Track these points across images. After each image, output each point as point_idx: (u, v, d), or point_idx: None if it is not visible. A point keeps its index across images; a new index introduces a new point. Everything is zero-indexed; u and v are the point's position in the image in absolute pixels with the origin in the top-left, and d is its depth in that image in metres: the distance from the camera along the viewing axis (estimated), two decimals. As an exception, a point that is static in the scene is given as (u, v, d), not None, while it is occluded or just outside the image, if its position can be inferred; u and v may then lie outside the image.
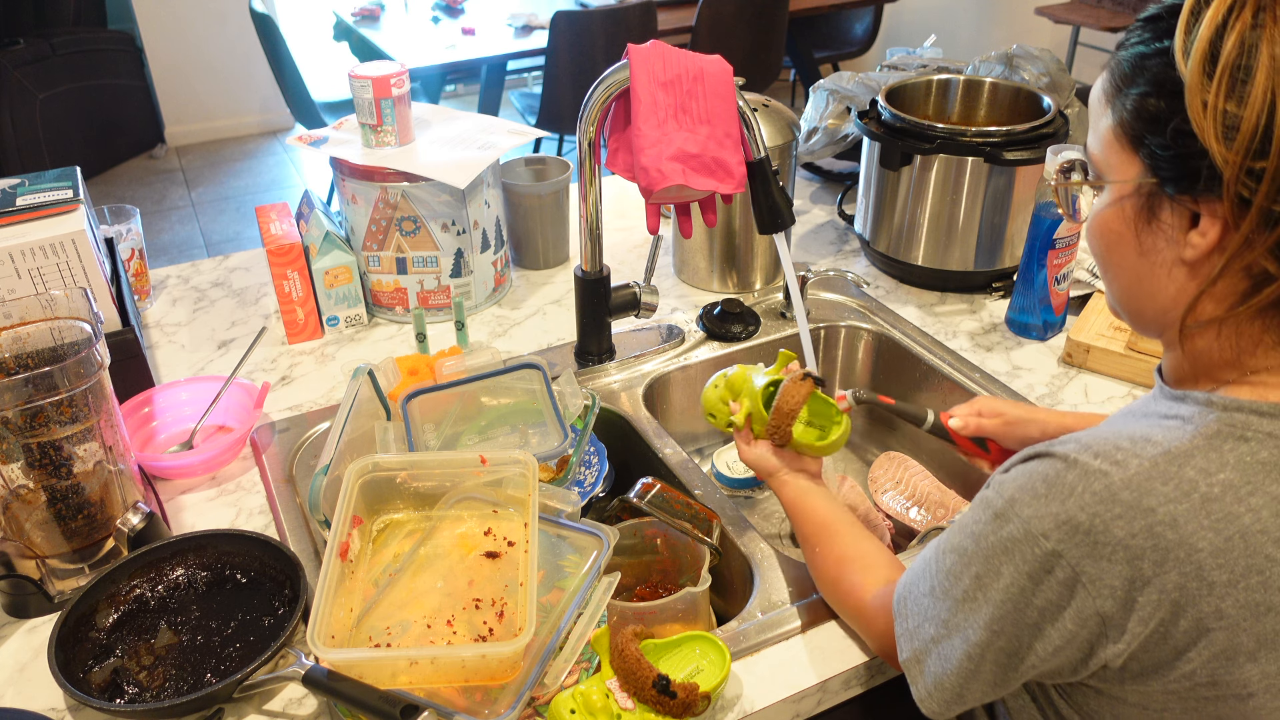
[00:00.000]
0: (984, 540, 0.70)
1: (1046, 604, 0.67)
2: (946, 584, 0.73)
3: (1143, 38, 0.69)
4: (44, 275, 1.18)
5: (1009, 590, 0.68)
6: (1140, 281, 0.72)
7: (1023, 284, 1.36)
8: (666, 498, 1.01)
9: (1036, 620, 0.68)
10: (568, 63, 3.46)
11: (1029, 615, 0.68)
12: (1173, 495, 0.64)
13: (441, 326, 1.44)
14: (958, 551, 0.72)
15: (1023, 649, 0.69)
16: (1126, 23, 4.07)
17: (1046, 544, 0.66)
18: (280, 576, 0.98)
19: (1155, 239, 0.69)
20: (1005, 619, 0.69)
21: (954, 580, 0.72)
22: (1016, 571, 0.67)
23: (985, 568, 0.69)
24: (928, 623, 0.75)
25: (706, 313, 1.44)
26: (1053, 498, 0.66)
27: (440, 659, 0.81)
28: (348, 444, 1.04)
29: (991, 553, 0.69)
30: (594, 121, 1.15)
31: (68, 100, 4.37)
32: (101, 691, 0.87)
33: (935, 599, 0.74)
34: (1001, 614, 0.69)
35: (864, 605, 0.88)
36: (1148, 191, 0.68)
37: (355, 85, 1.35)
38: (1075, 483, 0.66)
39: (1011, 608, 0.68)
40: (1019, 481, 0.69)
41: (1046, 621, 0.68)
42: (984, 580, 0.70)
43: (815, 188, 1.88)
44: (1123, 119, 0.69)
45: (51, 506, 0.95)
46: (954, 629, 0.72)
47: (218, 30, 4.86)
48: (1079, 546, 0.65)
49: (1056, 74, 1.65)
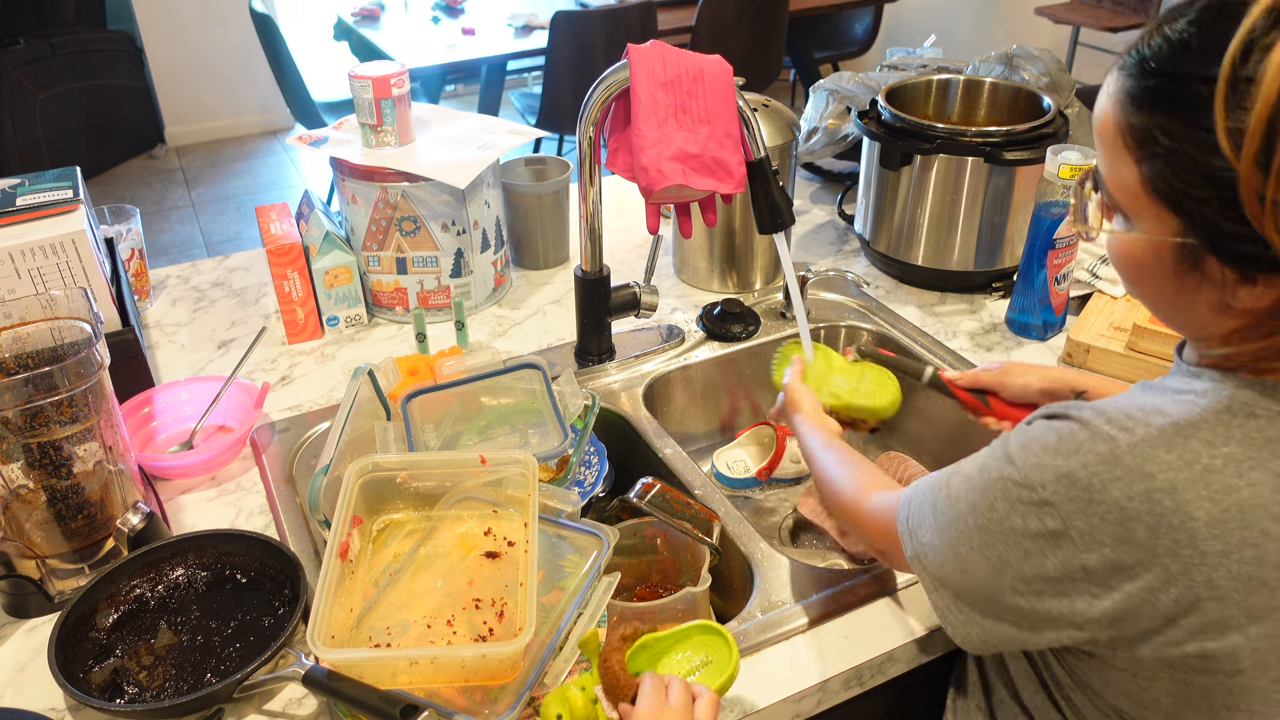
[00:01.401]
0: (988, 473, 0.73)
1: (1032, 546, 0.69)
2: (947, 503, 0.76)
3: (1168, 86, 0.63)
4: (44, 275, 1.18)
5: (998, 522, 0.71)
6: (1174, 307, 0.71)
7: (1023, 284, 1.36)
8: (666, 498, 1.01)
9: (1020, 557, 0.70)
10: (568, 63, 3.46)
11: (1013, 551, 0.71)
12: (1174, 464, 0.65)
13: (441, 326, 1.44)
14: (964, 476, 0.75)
15: (1004, 577, 0.72)
16: (1126, 23, 4.07)
17: (1042, 492, 0.68)
18: (280, 576, 0.98)
19: (1196, 283, 0.67)
20: (992, 545, 0.72)
21: (954, 499, 0.75)
22: (1009, 509, 0.70)
23: (982, 498, 0.72)
24: (924, 528, 0.78)
25: (706, 313, 1.44)
26: (1059, 452, 0.68)
27: (440, 659, 0.81)
28: (348, 444, 1.04)
29: (990, 485, 0.72)
30: (594, 121, 1.15)
31: (68, 100, 4.37)
32: (101, 691, 0.87)
33: (935, 511, 0.77)
34: (989, 540, 0.72)
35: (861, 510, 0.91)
36: (1190, 249, 0.65)
37: (355, 85, 1.35)
38: (1083, 442, 0.68)
39: (998, 537, 0.71)
40: (1034, 432, 0.71)
41: (1029, 560, 0.70)
42: (978, 507, 0.73)
43: (815, 188, 1.88)
44: (1154, 181, 0.64)
45: (51, 506, 0.95)
46: (945, 543, 0.76)
47: (218, 30, 4.86)
48: (1073, 501, 0.67)
49: (1056, 74, 1.65)
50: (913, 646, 0.94)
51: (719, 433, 1.46)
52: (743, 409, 1.46)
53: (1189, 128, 0.61)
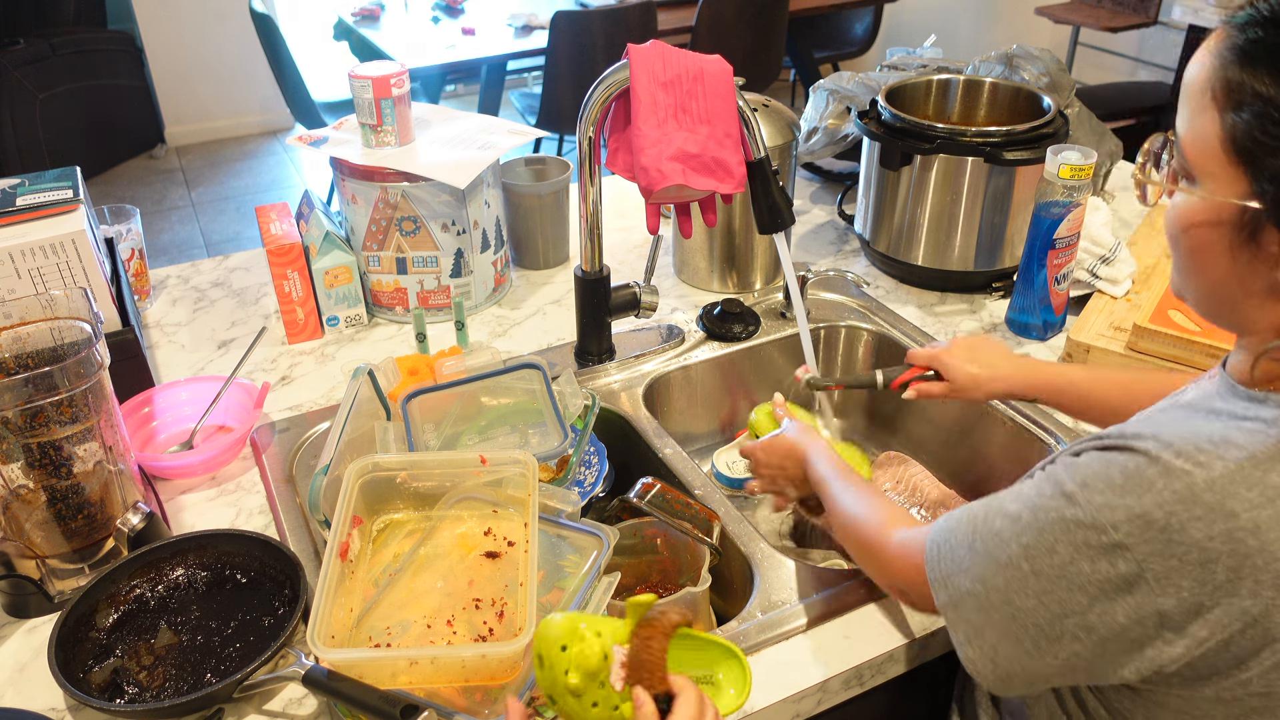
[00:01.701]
0: (1044, 514, 0.67)
1: (1099, 592, 0.65)
2: (990, 545, 0.71)
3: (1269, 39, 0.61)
4: (44, 275, 1.18)
5: (1060, 567, 0.66)
6: (1225, 289, 0.68)
7: (1023, 284, 1.36)
8: (666, 498, 1.01)
9: (1084, 604, 0.66)
10: (568, 63, 3.46)
11: (1076, 598, 0.66)
12: (1257, 501, 0.62)
13: (441, 326, 1.44)
14: (1010, 518, 0.70)
15: (1065, 624, 0.67)
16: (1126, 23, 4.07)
17: (1114, 534, 0.64)
18: (280, 576, 0.98)
19: (1252, 259, 0.65)
20: (1049, 593, 0.67)
21: (999, 543, 0.70)
22: (1074, 553, 0.65)
23: (1038, 540, 0.67)
24: (962, 574, 0.72)
25: (706, 313, 1.44)
26: (1129, 490, 0.64)
27: (440, 659, 0.81)
28: (348, 444, 1.04)
29: (1049, 528, 0.67)
30: (594, 121, 1.15)
31: (68, 100, 4.37)
32: (101, 691, 0.87)
33: (975, 555, 0.72)
34: (1046, 588, 0.67)
35: (884, 548, 0.86)
36: (1251, 216, 0.63)
37: (355, 85, 1.35)
38: (1155, 479, 0.63)
39: (1059, 584, 0.66)
40: (1094, 468, 0.66)
41: (1094, 607, 0.65)
42: (1033, 552, 0.67)
43: (815, 188, 1.88)
44: (1235, 134, 0.63)
45: (51, 506, 0.95)
46: (991, 589, 0.70)
47: (218, 30, 4.86)
48: (1150, 543, 0.63)
49: (1056, 74, 1.65)
50: (914, 647, 0.94)
51: (719, 433, 1.46)
52: (742, 409, 1.46)
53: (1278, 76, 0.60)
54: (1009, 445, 1.26)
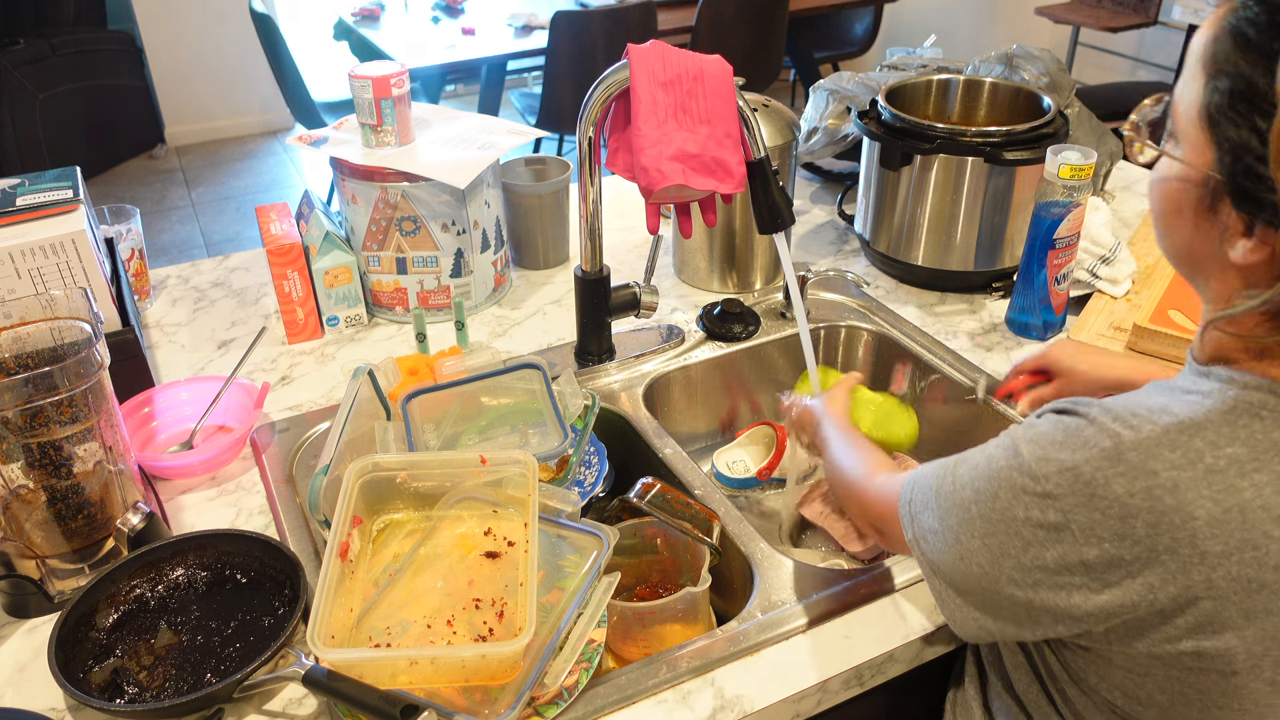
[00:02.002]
0: (994, 463, 0.73)
1: (1031, 537, 0.70)
2: (951, 488, 0.77)
3: (1257, 19, 0.64)
4: (44, 275, 1.18)
5: (1000, 511, 0.72)
6: (1190, 251, 0.72)
7: (1023, 284, 1.36)
8: (666, 498, 1.01)
9: (1019, 548, 0.71)
10: (568, 63, 3.46)
11: (1012, 541, 0.71)
12: (1177, 462, 0.66)
13: (441, 326, 1.44)
14: (970, 465, 0.76)
15: (1002, 565, 0.72)
16: (1126, 23, 4.07)
17: (1045, 484, 0.69)
18: (280, 576, 0.98)
19: (1210, 226, 0.69)
20: (993, 534, 0.72)
21: (957, 487, 0.76)
22: (1012, 500, 0.71)
23: (986, 486, 0.73)
24: (928, 512, 0.79)
25: (706, 313, 1.44)
26: (1065, 446, 0.69)
27: (440, 659, 0.81)
28: (348, 444, 1.04)
29: (995, 475, 0.73)
30: (594, 121, 1.15)
31: (68, 100, 4.37)
32: (101, 691, 0.87)
33: (939, 496, 0.78)
34: (990, 529, 0.72)
35: (866, 489, 0.92)
36: (1213, 185, 0.67)
37: (355, 85, 1.35)
38: (1089, 438, 0.68)
39: (999, 527, 0.72)
40: (1043, 427, 0.72)
41: (1027, 551, 0.70)
42: (981, 496, 0.73)
43: (815, 188, 1.88)
44: (1209, 106, 0.66)
45: (51, 506, 0.95)
46: (947, 529, 0.76)
47: (218, 30, 4.86)
48: (1075, 495, 0.68)
49: (1056, 74, 1.65)
50: (913, 646, 0.94)
51: (719, 433, 1.46)
52: (743, 409, 1.46)
53: (1259, 56, 0.63)
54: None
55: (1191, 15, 3.34)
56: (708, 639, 0.93)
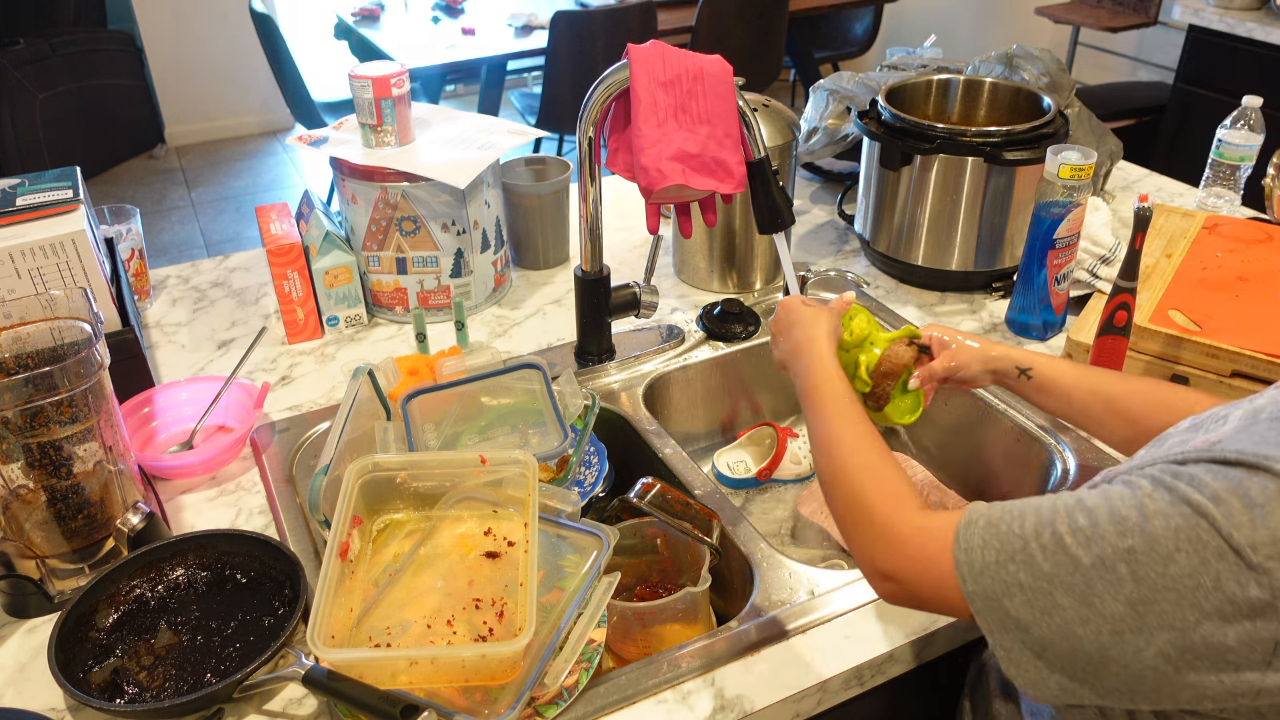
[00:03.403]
0: (1161, 520, 0.62)
1: (1215, 611, 0.60)
2: (1070, 539, 0.64)
3: None
4: (44, 275, 1.18)
5: (1175, 579, 0.60)
6: None
7: (1023, 284, 1.36)
8: (666, 498, 1.01)
9: (1191, 621, 0.60)
10: (568, 63, 3.46)
11: (1183, 613, 0.60)
12: None
13: (441, 326, 1.44)
14: (1110, 516, 0.64)
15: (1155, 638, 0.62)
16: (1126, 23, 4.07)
17: (1254, 556, 0.59)
18: (280, 576, 0.98)
19: None
20: (1149, 603, 0.61)
21: (1085, 540, 0.64)
22: (1199, 567, 0.60)
23: (1150, 547, 0.61)
24: (1017, 565, 0.66)
25: (706, 313, 1.44)
26: (1273, 512, 0.59)
27: (440, 659, 0.81)
28: (348, 444, 1.04)
29: (1167, 536, 0.61)
30: (594, 121, 1.15)
31: (68, 100, 4.37)
32: (101, 691, 0.87)
33: (1042, 546, 0.65)
34: (1147, 596, 0.61)
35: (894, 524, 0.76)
36: None
37: (355, 85, 1.35)
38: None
39: (1166, 595, 0.61)
40: (1223, 484, 0.61)
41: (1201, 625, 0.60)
42: (1139, 558, 0.62)
43: (815, 188, 1.88)
44: None
45: (51, 506, 0.95)
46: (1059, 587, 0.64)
47: (218, 30, 4.86)
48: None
49: (1056, 74, 1.65)
50: (914, 647, 0.94)
51: (719, 433, 1.46)
52: (743, 409, 1.46)
53: None
54: (1010, 446, 1.26)
55: (1192, 15, 3.34)
56: (708, 639, 0.93)
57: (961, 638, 0.98)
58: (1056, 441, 1.20)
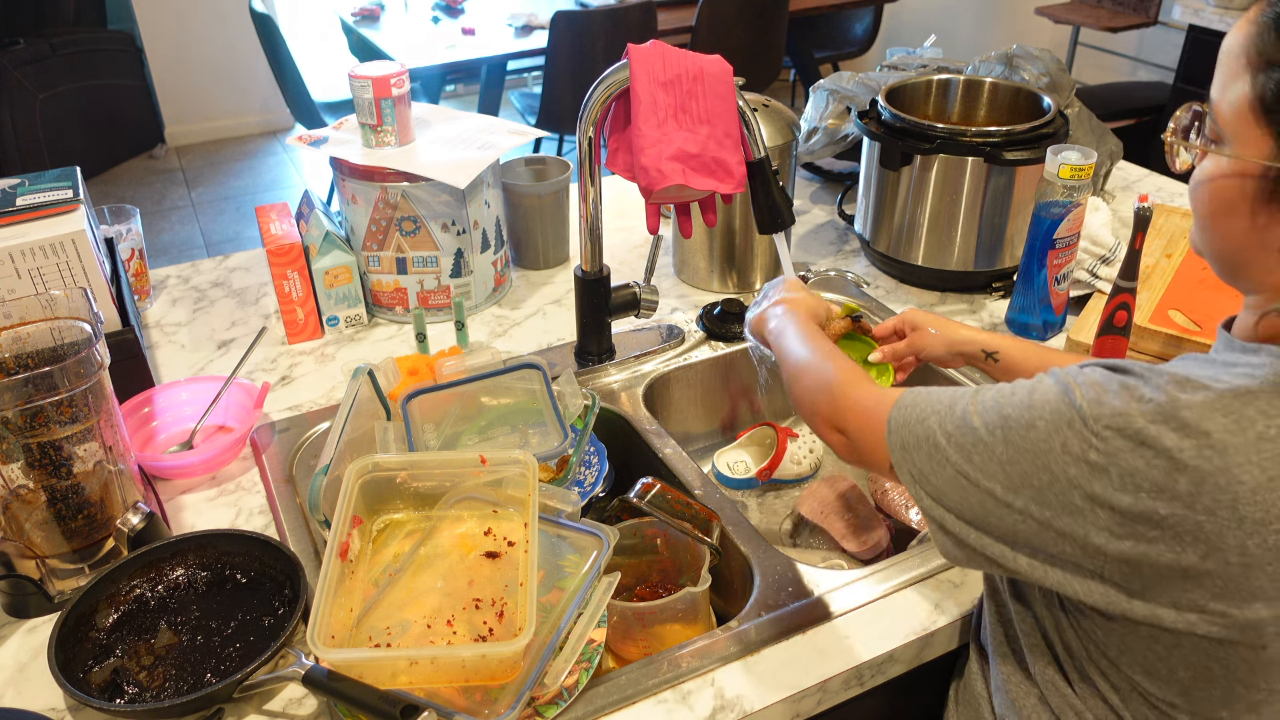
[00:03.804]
0: (1035, 394, 0.72)
1: (1062, 470, 0.69)
2: (965, 408, 0.75)
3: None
4: (44, 275, 1.18)
5: (1038, 441, 0.70)
6: (1243, 250, 0.72)
7: (1023, 284, 1.36)
8: (666, 498, 1.01)
9: (1046, 479, 0.69)
10: (568, 63, 3.46)
11: (1041, 472, 0.70)
12: (1229, 427, 0.65)
13: (441, 326, 1.44)
14: (996, 390, 0.75)
15: (1021, 492, 0.71)
16: (1126, 23, 4.07)
17: (1095, 425, 0.68)
18: (280, 576, 0.98)
19: (1271, 221, 0.69)
20: (1015, 462, 0.71)
21: (983, 409, 0.74)
22: (1051, 431, 0.69)
23: (1021, 413, 0.72)
24: (928, 425, 0.77)
25: (706, 313, 1.44)
26: (1119, 396, 0.68)
27: (440, 659, 0.81)
28: (348, 444, 1.04)
29: (1035, 406, 0.71)
30: (594, 121, 1.15)
31: (68, 100, 4.37)
32: (101, 691, 0.87)
33: (946, 414, 0.76)
34: (1015, 455, 0.71)
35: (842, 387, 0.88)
36: (1275, 175, 0.67)
37: (355, 85, 1.35)
38: (1145, 393, 0.68)
39: (1029, 455, 0.70)
40: (1095, 377, 0.71)
41: (1056, 483, 0.69)
42: (1011, 420, 0.72)
43: (815, 188, 1.88)
44: (1264, 95, 0.66)
45: (51, 506, 0.95)
46: (956, 446, 0.74)
47: (218, 30, 4.86)
48: (1124, 440, 0.67)
49: (1056, 74, 1.65)
50: (912, 646, 0.94)
51: (719, 432, 1.46)
52: (742, 409, 1.46)
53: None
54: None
55: (1192, 15, 3.34)
56: (708, 639, 0.93)
57: (961, 639, 0.98)
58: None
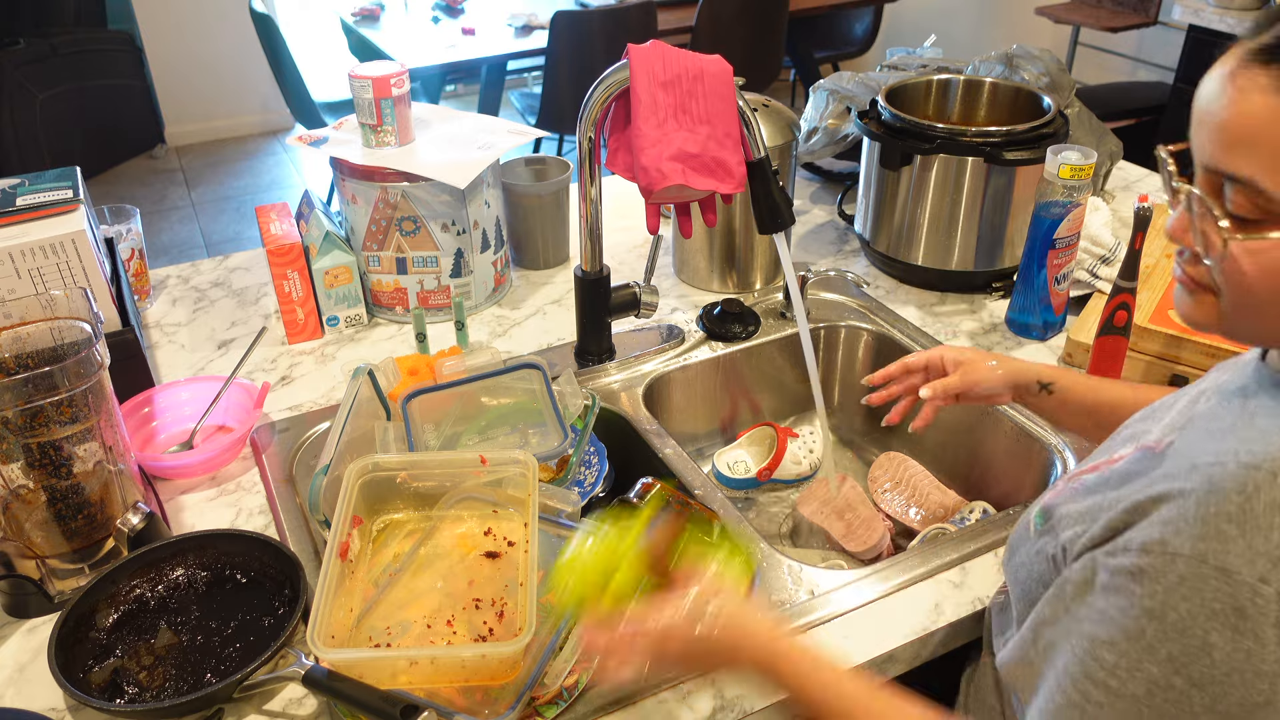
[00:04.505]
0: (1165, 611, 0.55)
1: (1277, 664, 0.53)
2: (1115, 685, 0.57)
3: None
4: (44, 275, 1.18)
5: (1228, 659, 0.54)
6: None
7: (1023, 284, 1.36)
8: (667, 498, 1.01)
9: (1269, 688, 0.54)
10: (568, 63, 3.46)
11: (1260, 685, 0.54)
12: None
13: (441, 326, 1.44)
14: (1113, 644, 0.57)
15: None
16: (1126, 22, 4.07)
17: (1268, 588, 0.53)
18: (280, 576, 0.98)
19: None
20: (1224, 697, 0.54)
21: (1128, 676, 0.57)
22: (1232, 633, 0.53)
23: (1182, 644, 0.55)
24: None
25: (706, 313, 1.44)
26: (1248, 530, 0.54)
27: (440, 659, 0.81)
28: (348, 444, 1.04)
29: (1185, 623, 0.54)
30: (594, 121, 1.15)
31: (68, 100, 4.36)
32: (101, 691, 0.87)
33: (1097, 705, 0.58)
34: (1219, 693, 0.54)
35: None
36: None
37: (355, 85, 1.35)
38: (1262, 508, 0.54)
39: (1232, 680, 0.54)
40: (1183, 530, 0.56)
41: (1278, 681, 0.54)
42: (1181, 660, 0.55)
43: (815, 188, 1.87)
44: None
45: (51, 506, 0.95)
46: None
47: (217, 30, 4.86)
48: None
49: (1056, 74, 1.65)
50: (914, 646, 0.94)
51: (719, 433, 1.46)
52: (743, 409, 1.46)
53: None
54: (1010, 446, 1.26)
55: (1192, 15, 3.34)
56: (708, 639, 0.93)
57: (960, 639, 0.98)
58: (1057, 441, 1.20)
